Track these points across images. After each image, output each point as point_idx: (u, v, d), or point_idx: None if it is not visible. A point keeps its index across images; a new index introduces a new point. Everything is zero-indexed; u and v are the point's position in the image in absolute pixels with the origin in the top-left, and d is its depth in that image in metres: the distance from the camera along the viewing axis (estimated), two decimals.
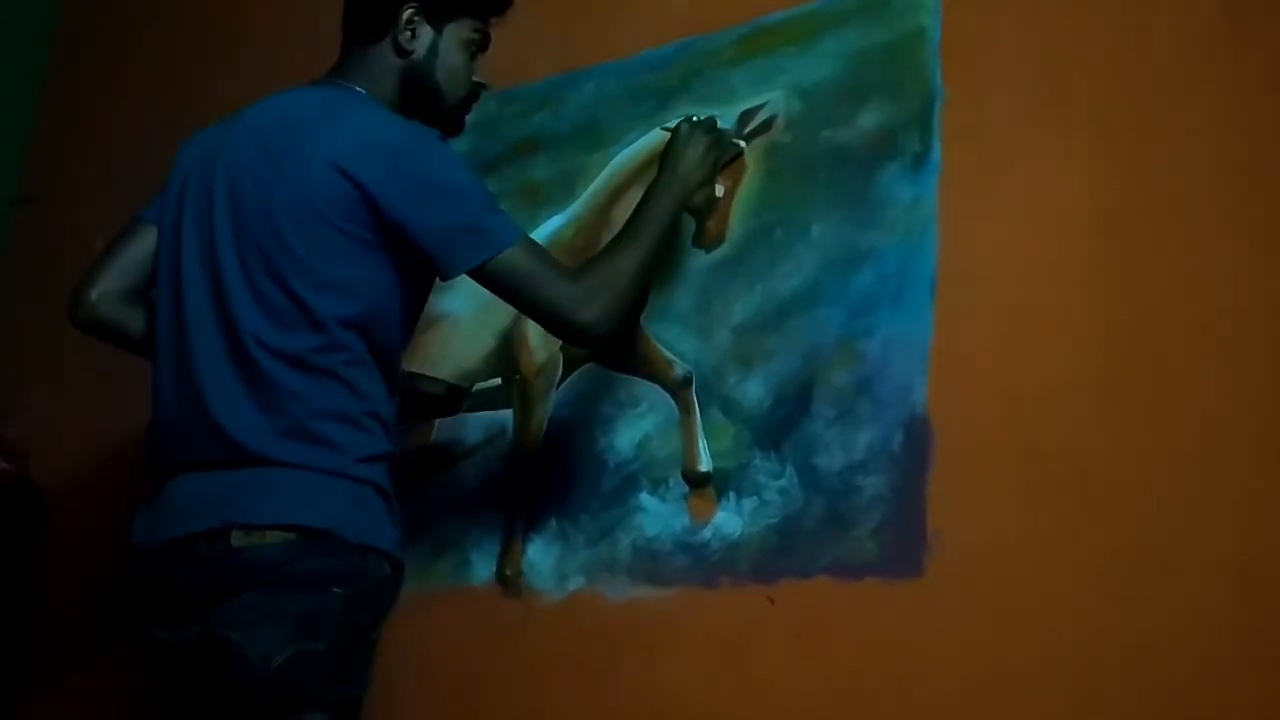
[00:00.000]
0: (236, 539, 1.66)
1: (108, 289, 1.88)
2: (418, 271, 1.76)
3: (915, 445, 1.77)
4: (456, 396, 2.02)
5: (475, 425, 2.13)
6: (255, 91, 1.96)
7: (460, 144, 2.30)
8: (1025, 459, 1.70)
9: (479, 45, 1.93)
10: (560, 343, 2.08)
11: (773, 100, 2.04)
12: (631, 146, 2.16)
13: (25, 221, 2.95)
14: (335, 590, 1.67)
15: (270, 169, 1.76)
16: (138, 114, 2.86)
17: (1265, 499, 1.56)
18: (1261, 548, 1.55)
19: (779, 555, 1.83)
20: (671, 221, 1.89)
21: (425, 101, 1.89)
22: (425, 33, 1.88)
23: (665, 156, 1.94)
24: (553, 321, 1.76)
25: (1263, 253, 1.64)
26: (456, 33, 1.90)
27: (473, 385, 2.12)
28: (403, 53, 1.87)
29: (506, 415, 2.14)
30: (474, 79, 1.94)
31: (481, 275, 1.74)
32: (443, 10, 1.89)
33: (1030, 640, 1.64)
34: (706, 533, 1.89)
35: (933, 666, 1.69)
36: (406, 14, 1.86)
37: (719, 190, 2.04)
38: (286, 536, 1.66)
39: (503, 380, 2.15)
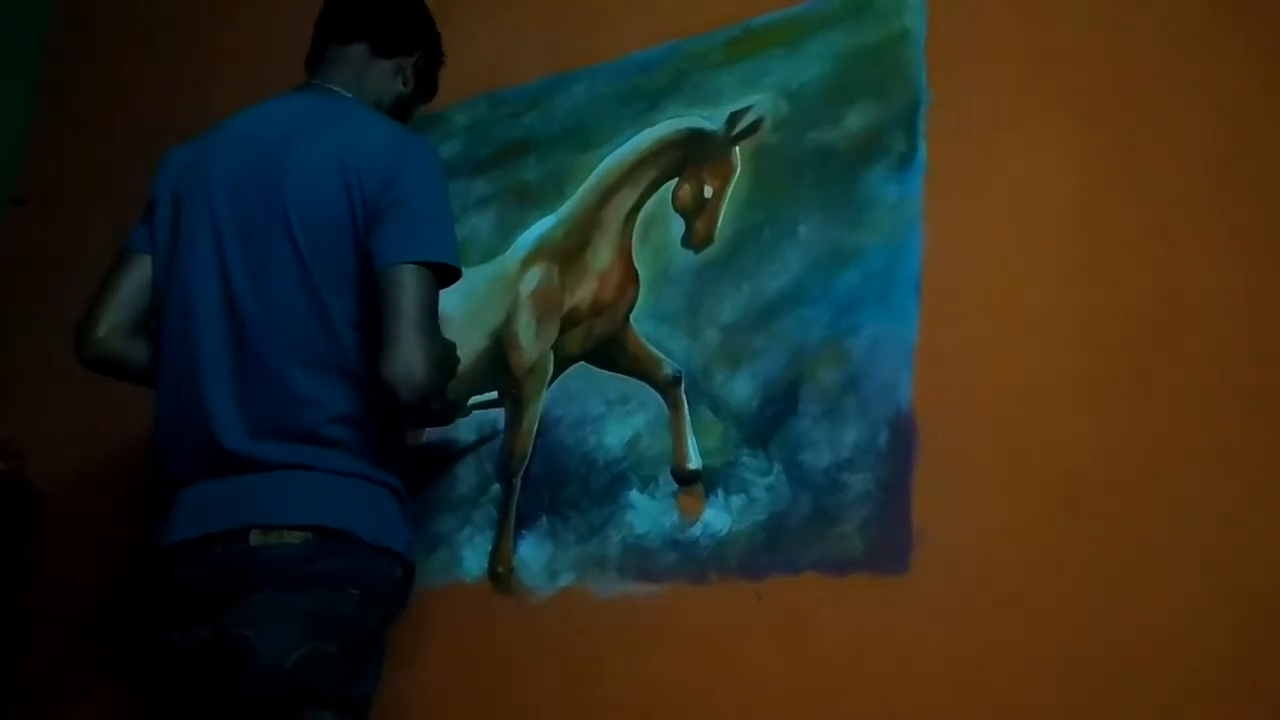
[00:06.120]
0: (255, 538, 1.68)
1: (115, 323, 1.86)
2: None
3: (901, 443, 1.78)
4: (451, 408, 2.04)
5: (468, 424, 2.14)
6: (252, 94, 1.98)
7: (452, 145, 2.32)
8: (1010, 456, 1.71)
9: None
10: (551, 342, 2.10)
11: (760, 102, 2.06)
12: (621, 148, 2.17)
13: (21, 222, 2.95)
14: (352, 591, 1.69)
15: (276, 179, 1.77)
16: (134, 115, 2.85)
17: (1248, 495, 1.57)
18: (1245, 544, 1.56)
19: (766, 551, 1.84)
20: None
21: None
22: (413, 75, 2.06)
23: None
24: (396, 357, 1.68)
25: (1247, 251, 1.65)
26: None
27: (468, 398, 2.13)
28: (399, 85, 2.03)
29: (498, 413, 2.15)
30: None
31: (392, 271, 1.71)
32: (427, 66, 2.09)
33: (1014, 635, 1.65)
34: (695, 530, 1.91)
35: (918, 662, 1.70)
36: (415, 60, 2.04)
37: (708, 191, 2.05)
38: (305, 536, 1.68)
39: (499, 394, 2.16)
